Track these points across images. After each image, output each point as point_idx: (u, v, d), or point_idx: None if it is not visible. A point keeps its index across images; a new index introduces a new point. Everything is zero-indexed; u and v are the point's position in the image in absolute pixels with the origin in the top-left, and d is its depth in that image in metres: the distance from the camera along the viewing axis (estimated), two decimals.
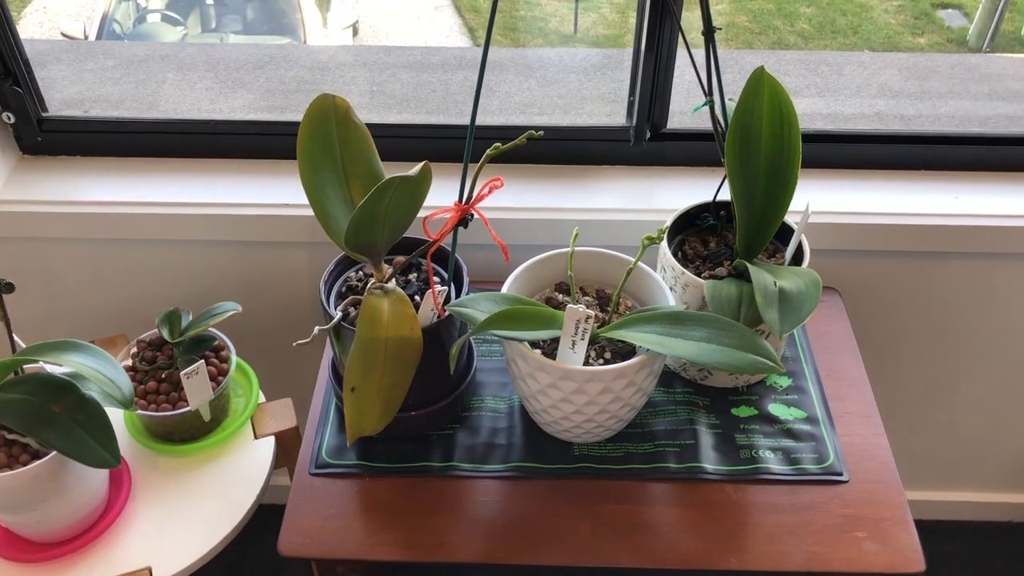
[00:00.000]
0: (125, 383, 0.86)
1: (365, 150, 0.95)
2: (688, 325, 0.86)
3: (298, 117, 1.21)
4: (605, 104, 1.46)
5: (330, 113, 0.94)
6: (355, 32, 4.78)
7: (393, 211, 0.84)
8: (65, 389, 0.86)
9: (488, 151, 0.84)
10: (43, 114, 1.21)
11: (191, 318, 1.06)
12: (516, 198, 1.17)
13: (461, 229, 0.88)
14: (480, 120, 1.22)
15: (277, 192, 1.19)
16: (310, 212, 1.16)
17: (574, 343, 0.86)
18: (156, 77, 1.56)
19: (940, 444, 1.47)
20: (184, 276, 1.26)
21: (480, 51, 0.88)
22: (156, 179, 1.21)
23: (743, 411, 1.01)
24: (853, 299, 1.22)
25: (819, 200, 1.09)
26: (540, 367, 0.87)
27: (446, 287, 0.91)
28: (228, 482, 1.03)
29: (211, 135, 1.23)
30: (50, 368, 0.92)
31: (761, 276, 0.88)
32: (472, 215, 0.87)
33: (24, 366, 0.90)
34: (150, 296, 1.28)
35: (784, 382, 1.04)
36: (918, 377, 1.36)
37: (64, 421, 0.84)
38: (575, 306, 0.83)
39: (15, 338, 0.91)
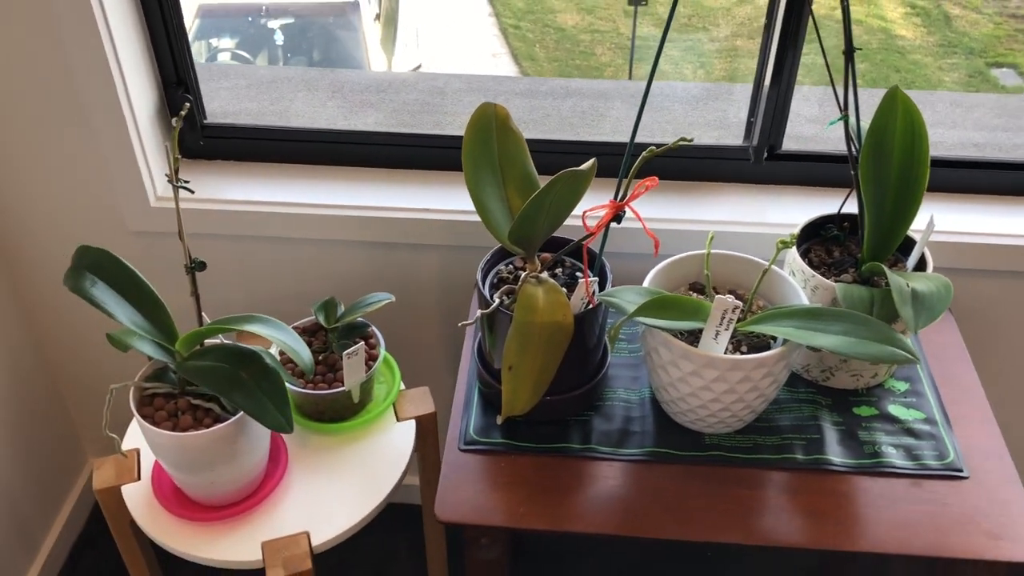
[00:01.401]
0: (306, 352, 0.95)
1: (520, 154, 1.04)
2: (826, 320, 0.92)
3: (427, 131, 1.32)
4: (712, 130, 1.54)
5: (491, 119, 1.03)
6: None
7: (555, 206, 0.93)
8: (251, 358, 0.95)
9: (644, 154, 0.92)
10: (204, 121, 1.33)
11: (343, 308, 1.15)
12: (644, 210, 1.25)
13: (610, 230, 0.96)
14: (599, 140, 1.31)
15: (416, 198, 1.28)
16: (446, 217, 1.27)
17: (718, 333, 0.93)
18: (288, 95, 1.67)
19: None
20: (325, 274, 1.35)
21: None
22: (303, 183, 1.31)
23: (864, 411, 1.06)
24: (963, 316, 1.28)
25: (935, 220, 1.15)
26: (684, 354, 0.94)
27: (597, 278, 0.99)
28: (375, 460, 1.10)
29: (354, 145, 1.33)
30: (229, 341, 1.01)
31: (895, 277, 0.94)
32: (625, 211, 0.95)
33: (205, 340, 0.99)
34: (292, 291, 1.38)
35: (901, 386, 1.09)
36: None
37: (250, 386, 0.93)
38: (724, 296, 0.90)
39: (203, 315, 1.01)
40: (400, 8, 4.62)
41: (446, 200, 1.28)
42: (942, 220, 1.23)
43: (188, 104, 0.96)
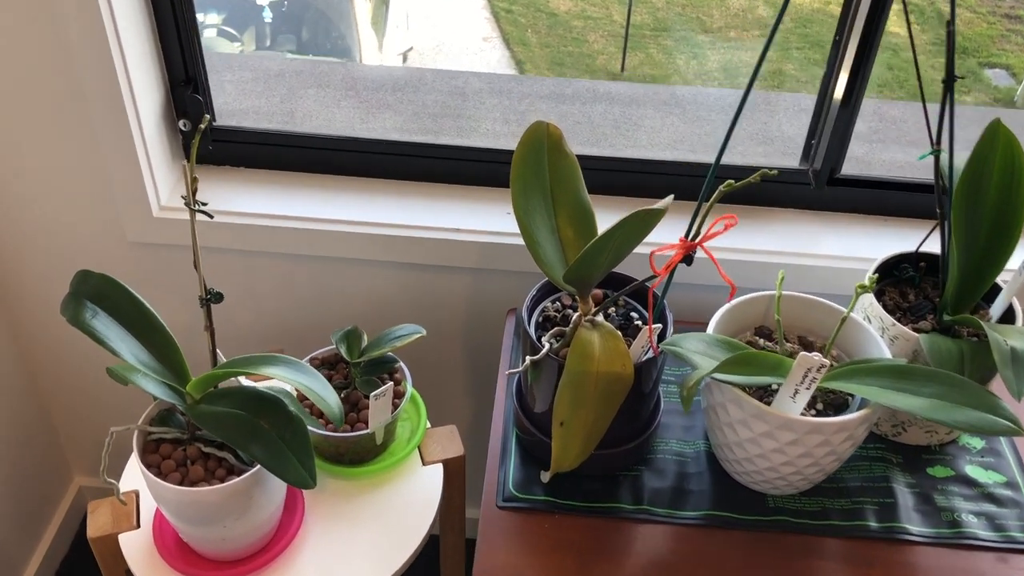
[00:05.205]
0: (335, 400, 0.85)
1: (573, 179, 0.93)
2: (917, 380, 0.83)
3: (456, 142, 1.21)
4: (757, 144, 1.44)
5: (543, 140, 0.92)
6: (404, 59, 4.82)
7: (619, 246, 0.83)
8: (273, 405, 0.84)
9: (721, 187, 0.82)
10: (213, 123, 1.21)
11: (367, 340, 1.05)
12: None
13: (676, 270, 0.86)
14: (634, 154, 1.21)
15: (444, 216, 1.18)
16: (478, 239, 1.16)
17: (797, 392, 0.83)
18: (297, 93, 1.56)
19: None
20: (342, 295, 1.25)
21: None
22: (319, 195, 1.21)
23: (939, 471, 0.97)
24: None
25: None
26: (757, 414, 0.84)
27: (661, 325, 0.89)
28: (400, 509, 1.00)
29: (375, 155, 1.22)
30: (245, 382, 0.91)
31: (994, 334, 0.85)
32: (696, 251, 0.85)
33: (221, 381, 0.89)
34: (304, 313, 1.27)
35: (978, 443, 1.00)
36: None
37: (271, 437, 0.83)
38: (809, 355, 0.80)
39: (218, 352, 0.90)
40: None
41: (478, 219, 1.17)
42: None
43: (208, 117, 0.84)
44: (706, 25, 5.15)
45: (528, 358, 0.87)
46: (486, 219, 1.17)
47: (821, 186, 1.15)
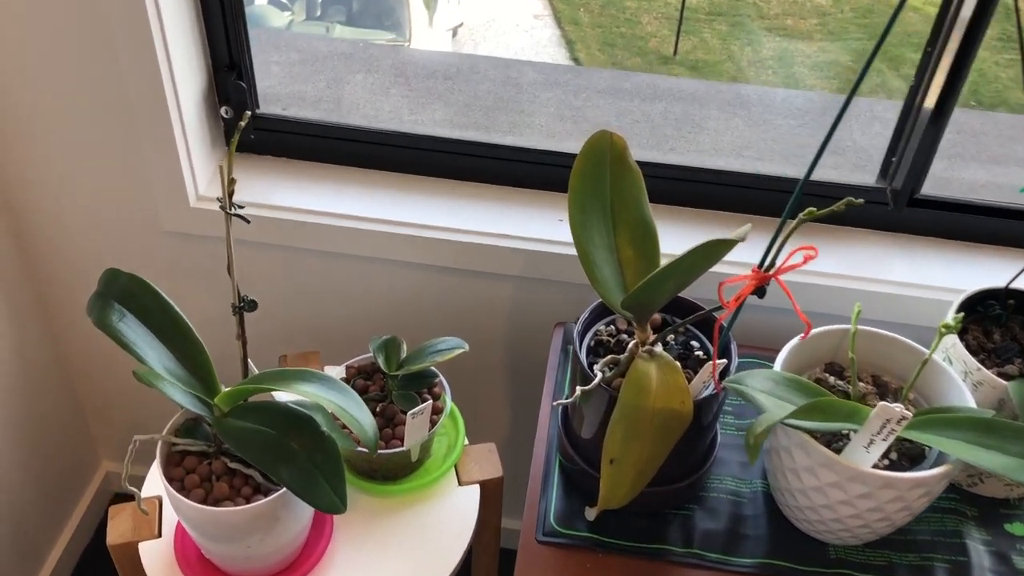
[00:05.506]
0: (370, 423, 0.79)
1: (637, 194, 0.86)
2: (1004, 436, 0.75)
3: (507, 140, 1.15)
4: (827, 154, 1.35)
5: (606, 152, 0.85)
6: (454, 34, 4.76)
7: (685, 273, 0.76)
8: (305, 424, 0.79)
9: (802, 216, 0.75)
10: (256, 111, 1.16)
11: (406, 350, 0.99)
12: (752, 248, 1.08)
13: (745, 301, 0.79)
14: (699, 162, 1.13)
15: (491, 219, 1.12)
16: (526, 246, 1.10)
17: (872, 442, 0.76)
18: (345, 78, 1.50)
19: None
20: (378, 297, 1.19)
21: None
22: (361, 190, 1.15)
23: (1018, 528, 0.89)
24: None
25: None
26: (826, 463, 0.77)
27: (725, 360, 0.82)
28: (433, 530, 0.95)
29: (421, 151, 1.16)
30: (280, 396, 0.86)
31: None
32: (770, 283, 0.78)
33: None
34: (337, 313, 1.22)
35: None
36: None
37: (301, 459, 0.77)
38: (890, 405, 0.73)
39: (249, 362, 0.85)
40: None
41: (527, 224, 1.11)
42: None
43: (248, 114, 0.79)
44: (762, 11, 5.01)
45: (579, 388, 0.81)
46: (536, 225, 1.11)
47: (900, 207, 1.07)
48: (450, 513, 0.97)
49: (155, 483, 0.99)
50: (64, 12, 0.98)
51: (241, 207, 0.78)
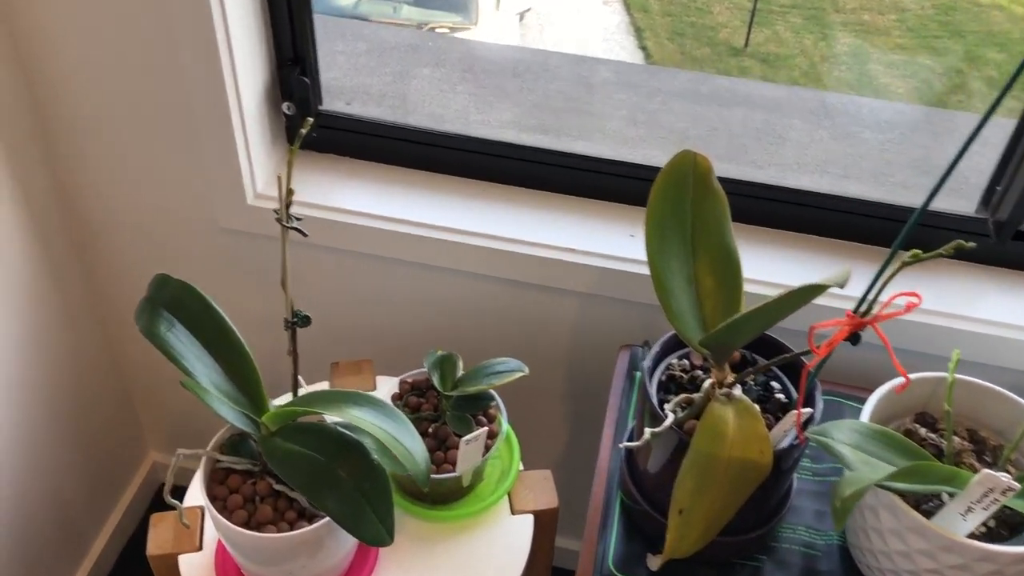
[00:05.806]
0: (422, 455, 0.74)
1: (720, 220, 0.80)
2: None
3: (577, 148, 1.09)
4: (918, 175, 1.27)
5: (688, 173, 0.79)
6: (521, 18, 4.69)
7: (773, 315, 0.69)
8: (354, 451, 0.75)
9: (906, 258, 0.68)
10: (319, 107, 1.12)
11: (462, 366, 0.94)
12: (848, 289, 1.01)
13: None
14: (777, 178, 1.06)
15: (557, 231, 1.06)
16: (594, 262, 1.04)
17: (969, 510, 0.69)
18: (411, 71, 1.45)
19: None
20: (432, 307, 1.14)
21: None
22: (424, 195, 1.10)
23: None
24: None
25: None
26: (916, 528, 0.70)
27: (811, 409, 0.75)
28: (483, 560, 0.91)
29: (488, 156, 1.11)
30: (329, 419, 0.82)
31: None
32: (863, 329, 0.71)
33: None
34: (388, 321, 1.18)
35: None
36: None
37: (349, 488, 0.73)
38: (995, 474, 0.66)
39: (299, 379, 0.81)
40: None
41: (596, 238, 1.05)
42: None
43: (311, 120, 0.74)
44: (838, 5, 4.86)
45: (648, 430, 0.75)
46: (606, 240, 1.05)
47: (1005, 240, 0.99)
48: (501, 543, 0.92)
49: (197, 493, 0.96)
50: (129, 10, 0.94)
51: (299, 219, 0.74)
